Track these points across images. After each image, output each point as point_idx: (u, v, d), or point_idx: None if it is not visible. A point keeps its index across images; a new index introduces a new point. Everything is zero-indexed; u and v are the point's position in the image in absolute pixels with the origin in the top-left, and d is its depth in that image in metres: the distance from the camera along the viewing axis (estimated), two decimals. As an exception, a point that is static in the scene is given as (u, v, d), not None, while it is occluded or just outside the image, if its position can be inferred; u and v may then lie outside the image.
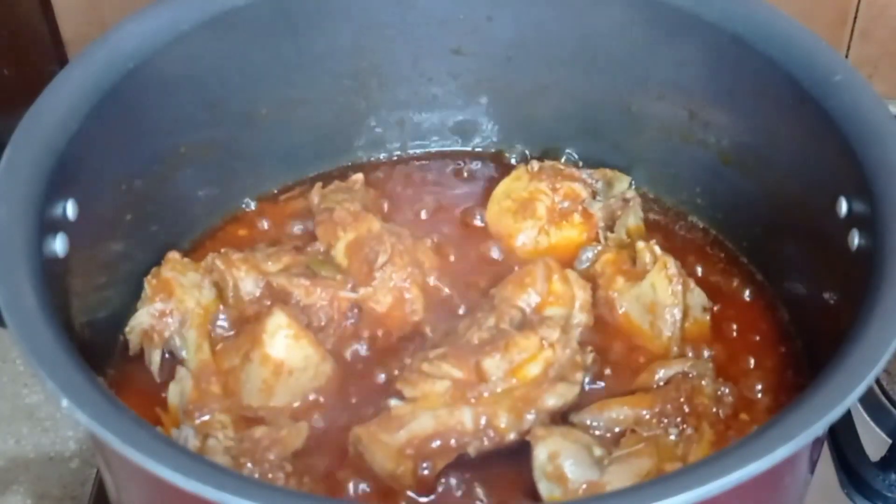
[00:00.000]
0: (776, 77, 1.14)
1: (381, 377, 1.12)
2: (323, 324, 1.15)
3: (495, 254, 1.26)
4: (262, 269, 1.17)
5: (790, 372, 1.15)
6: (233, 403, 1.09)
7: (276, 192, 1.33)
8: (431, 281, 1.20)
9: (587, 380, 1.11)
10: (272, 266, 1.18)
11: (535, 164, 1.29)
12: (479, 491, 1.03)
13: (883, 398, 1.27)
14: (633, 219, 1.26)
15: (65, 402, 0.84)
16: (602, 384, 1.12)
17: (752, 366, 1.16)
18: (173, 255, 1.17)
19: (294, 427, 1.06)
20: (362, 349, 1.15)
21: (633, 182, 1.31)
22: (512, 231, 1.26)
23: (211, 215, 1.29)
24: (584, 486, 0.98)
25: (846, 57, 1.61)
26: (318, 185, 1.29)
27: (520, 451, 1.03)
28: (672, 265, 1.15)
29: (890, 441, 1.25)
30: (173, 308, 1.13)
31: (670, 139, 1.29)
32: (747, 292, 1.23)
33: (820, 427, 0.83)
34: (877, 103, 1.07)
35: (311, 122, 1.31)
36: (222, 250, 1.20)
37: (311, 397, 1.10)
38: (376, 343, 1.16)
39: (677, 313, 1.14)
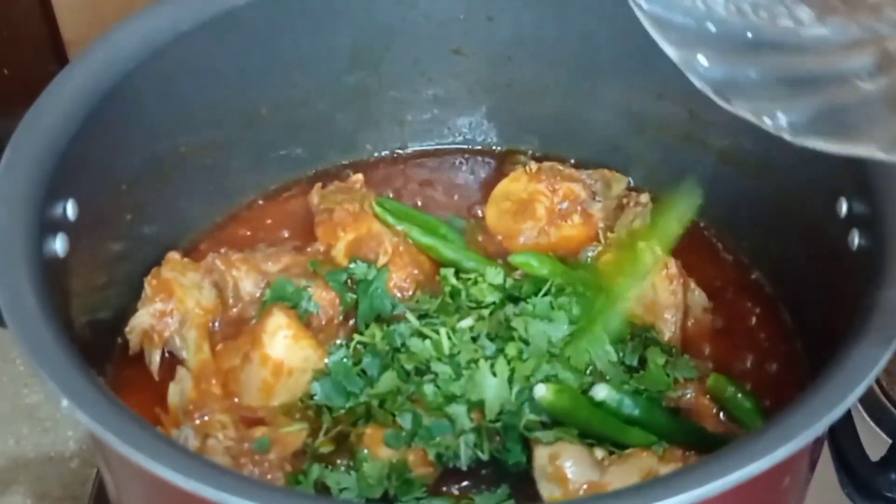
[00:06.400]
0: (776, 77, 1.14)
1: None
2: (323, 324, 1.15)
3: (495, 253, 1.25)
4: (262, 269, 1.18)
5: (790, 372, 1.15)
6: (233, 403, 1.09)
7: (275, 191, 1.33)
8: (431, 281, 1.20)
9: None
10: (272, 266, 1.18)
11: (534, 165, 1.29)
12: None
13: (883, 398, 1.27)
14: (639, 222, 1.26)
15: (65, 402, 0.84)
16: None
17: (752, 366, 1.16)
18: (173, 256, 1.17)
19: (294, 427, 1.06)
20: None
21: (631, 182, 1.31)
22: (512, 232, 1.26)
23: (211, 215, 1.29)
24: (585, 486, 0.98)
25: (846, 57, 1.61)
26: (318, 185, 1.29)
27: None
28: (672, 265, 1.15)
29: (890, 441, 1.25)
30: (173, 308, 1.13)
31: (670, 139, 1.29)
32: (747, 293, 1.23)
33: (820, 427, 0.83)
34: (877, 103, 1.07)
35: (311, 122, 1.31)
36: (222, 250, 1.20)
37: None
38: (376, 343, 1.16)
39: (678, 313, 1.14)
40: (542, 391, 1.01)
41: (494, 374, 1.04)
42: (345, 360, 1.09)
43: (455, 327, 1.08)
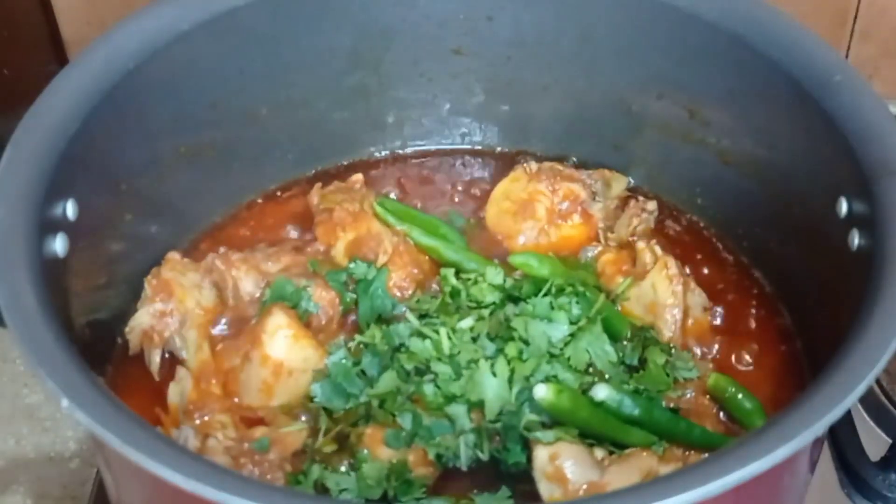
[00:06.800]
0: (776, 77, 1.14)
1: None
2: (323, 324, 1.15)
3: (495, 253, 1.25)
4: (261, 269, 1.17)
5: (790, 372, 1.15)
6: (233, 403, 1.09)
7: (275, 191, 1.33)
8: (431, 281, 1.20)
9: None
10: (272, 266, 1.18)
11: (534, 165, 1.29)
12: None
13: (883, 398, 1.27)
14: (643, 226, 1.26)
15: (65, 402, 0.84)
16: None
17: (752, 366, 1.16)
18: (173, 256, 1.17)
19: (294, 427, 1.06)
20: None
21: (631, 181, 1.32)
22: (512, 232, 1.26)
23: (211, 215, 1.29)
24: (585, 486, 0.98)
25: (846, 57, 1.61)
26: (318, 185, 1.29)
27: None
28: (672, 265, 1.15)
29: (890, 441, 1.25)
30: (173, 308, 1.13)
31: (670, 139, 1.29)
32: (747, 292, 1.23)
33: (820, 427, 0.83)
34: (877, 103, 1.07)
35: (311, 121, 1.31)
36: (222, 250, 1.20)
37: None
38: (376, 343, 1.16)
39: (678, 313, 1.14)
40: (542, 391, 1.01)
41: (494, 374, 1.04)
42: (344, 360, 1.09)
43: (455, 327, 1.08)
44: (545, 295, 1.10)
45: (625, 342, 1.11)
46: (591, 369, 1.07)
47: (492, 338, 1.07)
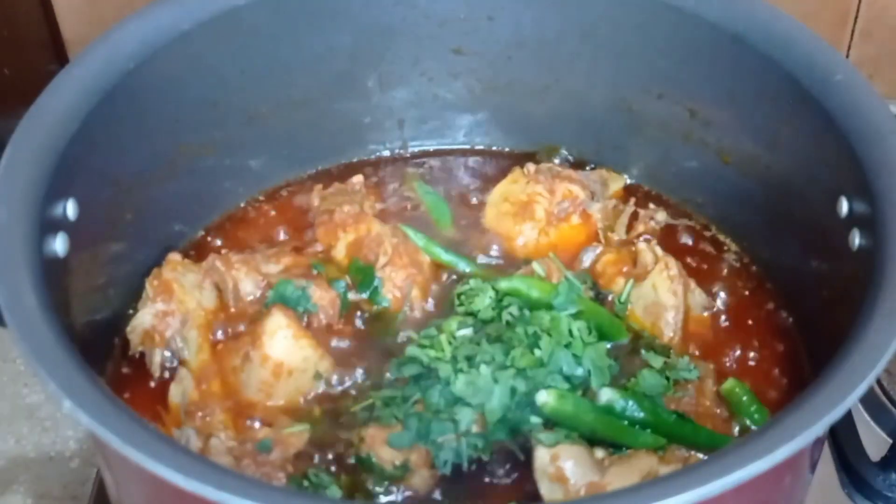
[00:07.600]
0: (776, 77, 1.14)
1: (381, 377, 1.12)
2: (323, 324, 1.15)
3: (495, 254, 1.25)
4: (261, 270, 1.18)
5: (790, 372, 1.15)
6: (233, 404, 1.09)
7: (275, 191, 1.33)
8: (431, 283, 1.20)
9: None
10: (272, 267, 1.18)
11: (532, 167, 1.29)
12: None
13: (883, 398, 1.27)
14: (644, 227, 1.27)
15: (66, 403, 0.84)
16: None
17: (752, 366, 1.16)
18: (174, 257, 1.17)
19: (296, 428, 1.06)
20: (362, 349, 1.15)
21: (627, 180, 1.32)
22: (511, 233, 1.26)
23: (211, 215, 1.29)
24: (585, 486, 0.98)
25: (846, 57, 1.61)
26: (319, 186, 1.29)
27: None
28: (673, 266, 1.15)
29: (890, 441, 1.25)
30: (174, 309, 1.13)
31: (670, 139, 1.29)
32: (747, 292, 1.23)
33: (820, 427, 0.83)
34: (877, 103, 1.07)
35: (311, 121, 1.31)
36: (222, 251, 1.20)
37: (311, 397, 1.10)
38: (376, 343, 1.16)
39: (678, 314, 1.14)
40: (544, 397, 1.01)
41: (496, 381, 1.04)
42: None
43: (455, 334, 1.08)
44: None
45: (621, 346, 1.11)
46: (589, 373, 1.07)
47: (493, 342, 1.07)
